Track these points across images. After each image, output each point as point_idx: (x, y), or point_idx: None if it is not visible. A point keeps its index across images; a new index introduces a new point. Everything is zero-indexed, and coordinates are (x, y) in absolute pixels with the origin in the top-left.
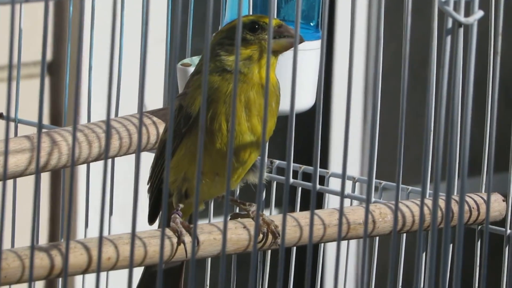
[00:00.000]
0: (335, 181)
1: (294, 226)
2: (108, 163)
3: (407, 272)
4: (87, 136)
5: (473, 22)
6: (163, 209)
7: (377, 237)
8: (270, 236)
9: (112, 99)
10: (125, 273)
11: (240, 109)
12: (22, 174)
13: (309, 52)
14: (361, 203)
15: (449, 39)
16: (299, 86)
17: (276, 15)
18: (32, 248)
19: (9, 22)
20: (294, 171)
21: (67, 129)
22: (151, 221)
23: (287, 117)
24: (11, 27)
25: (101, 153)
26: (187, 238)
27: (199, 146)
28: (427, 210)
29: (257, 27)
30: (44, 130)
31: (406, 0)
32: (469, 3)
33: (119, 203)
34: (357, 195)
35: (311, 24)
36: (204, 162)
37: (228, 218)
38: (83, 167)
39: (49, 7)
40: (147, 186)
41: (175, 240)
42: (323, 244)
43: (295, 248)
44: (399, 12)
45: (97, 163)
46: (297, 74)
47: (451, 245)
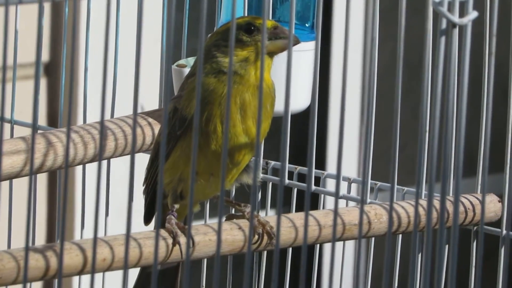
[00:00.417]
0: (331, 182)
1: (289, 227)
2: (102, 164)
3: (403, 273)
4: (82, 137)
5: (467, 23)
6: (157, 210)
7: (373, 238)
8: (266, 237)
9: (107, 100)
10: (121, 274)
11: (235, 111)
12: (18, 175)
13: (305, 53)
14: (357, 204)
15: (443, 39)
16: (295, 87)
17: (271, 16)
18: (27, 249)
19: (3, 24)
20: (289, 172)
21: (62, 130)
22: (147, 222)
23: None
24: (4, 28)
25: (96, 154)
26: (182, 239)
27: (193, 147)
28: (422, 211)
29: (252, 28)
30: (39, 131)
31: (400, 1)
32: (463, 4)
33: (115, 204)
34: (352, 195)
35: (307, 25)
36: (199, 163)
37: (224, 219)
38: (80, 168)
39: (44, 8)
40: (142, 187)
41: (170, 241)
42: (319, 245)
43: (291, 249)
44: (396, 12)
45: (93, 164)
46: (293, 75)
47: (447, 246)
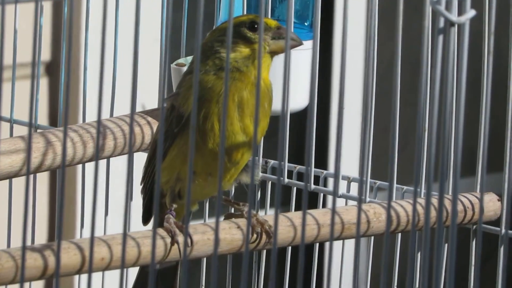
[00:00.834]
0: (331, 181)
1: (288, 226)
2: (100, 163)
3: (402, 272)
4: (81, 137)
5: (465, 22)
6: (154, 209)
7: (372, 237)
8: (264, 236)
9: (106, 99)
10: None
11: (232, 109)
12: (17, 174)
13: (304, 51)
14: (356, 203)
15: (441, 38)
16: (294, 86)
17: (270, 15)
18: (24, 248)
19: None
20: (289, 171)
21: (61, 129)
22: (145, 221)
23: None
24: (1, 27)
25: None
26: (180, 238)
27: (191, 146)
28: (421, 209)
29: (256, 26)
30: (39, 131)
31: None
32: (461, 3)
33: (115, 203)
34: (351, 194)
35: (306, 24)
36: (196, 162)
37: (222, 218)
38: (80, 167)
39: (44, 8)
40: (140, 186)
41: (169, 240)
42: (318, 244)
43: (290, 248)
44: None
45: (93, 164)
46: (292, 74)
47: (446, 244)
